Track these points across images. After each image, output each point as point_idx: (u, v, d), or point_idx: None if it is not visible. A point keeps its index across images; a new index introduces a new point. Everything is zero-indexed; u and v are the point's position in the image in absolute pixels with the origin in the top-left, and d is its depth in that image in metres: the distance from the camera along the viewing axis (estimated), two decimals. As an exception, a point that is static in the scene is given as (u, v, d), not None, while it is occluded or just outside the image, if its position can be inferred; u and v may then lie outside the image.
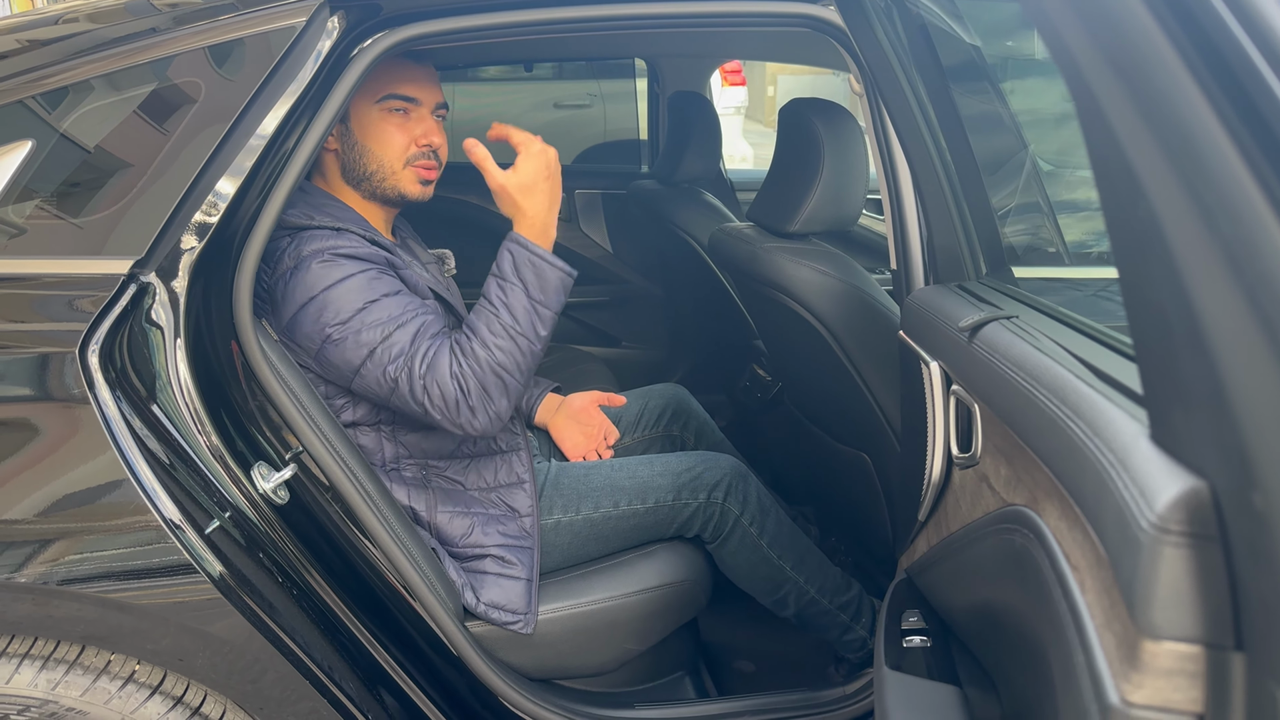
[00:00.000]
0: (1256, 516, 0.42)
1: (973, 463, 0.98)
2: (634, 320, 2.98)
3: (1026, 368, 0.79)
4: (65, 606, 1.08)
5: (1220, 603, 0.47)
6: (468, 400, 1.26)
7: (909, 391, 1.24)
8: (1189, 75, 0.38)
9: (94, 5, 1.24)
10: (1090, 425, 0.62)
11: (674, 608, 1.53)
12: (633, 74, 3.27)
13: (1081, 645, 0.57)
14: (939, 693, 0.98)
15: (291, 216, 1.31)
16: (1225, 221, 0.38)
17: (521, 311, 1.29)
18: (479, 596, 1.38)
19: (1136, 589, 0.49)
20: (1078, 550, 0.62)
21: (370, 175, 1.40)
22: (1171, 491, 0.49)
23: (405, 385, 1.26)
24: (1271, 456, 0.40)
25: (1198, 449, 0.48)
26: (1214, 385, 0.42)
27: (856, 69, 1.39)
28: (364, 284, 1.27)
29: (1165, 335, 0.47)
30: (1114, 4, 0.39)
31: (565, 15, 1.31)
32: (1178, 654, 0.49)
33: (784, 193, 1.64)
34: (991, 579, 0.90)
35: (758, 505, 1.57)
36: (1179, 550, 0.48)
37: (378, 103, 1.37)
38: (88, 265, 1.12)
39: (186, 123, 1.15)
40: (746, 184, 2.99)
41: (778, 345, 1.89)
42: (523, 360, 1.29)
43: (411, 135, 1.39)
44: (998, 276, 1.24)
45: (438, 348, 1.28)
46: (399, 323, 1.27)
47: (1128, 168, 0.42)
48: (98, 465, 1.07)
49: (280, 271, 1.28)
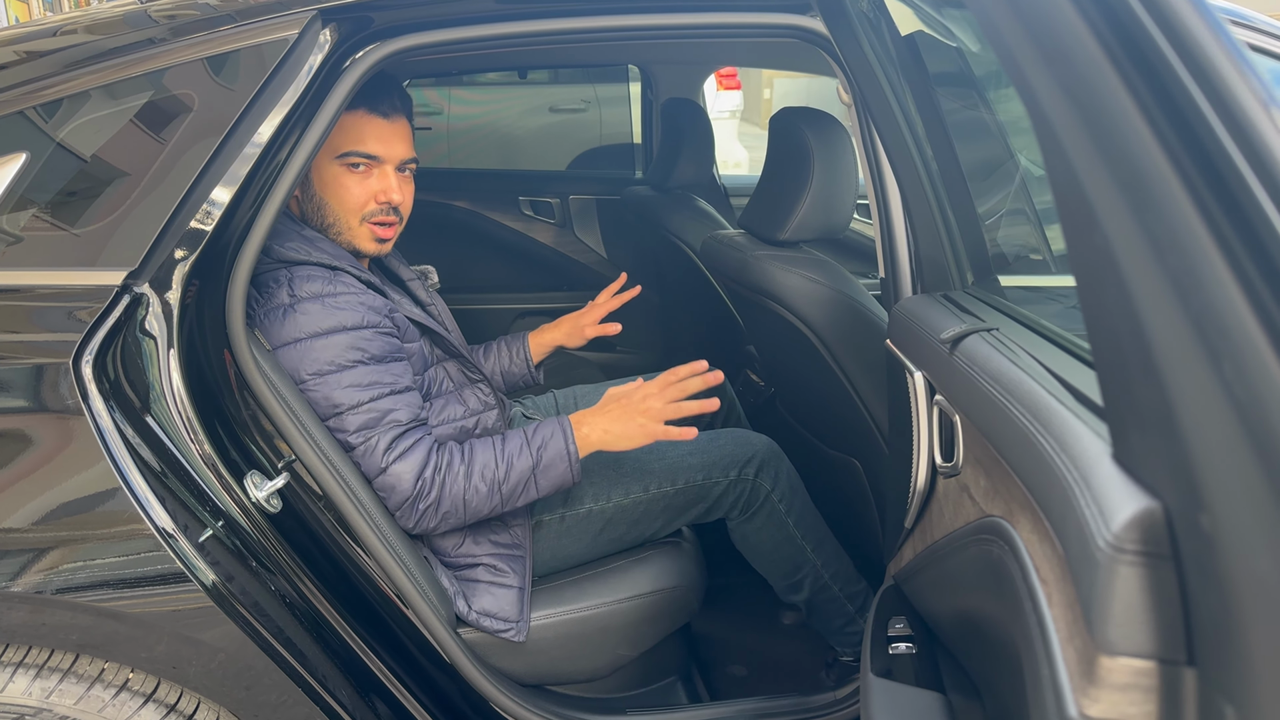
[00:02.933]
0: (1204, 537, 0.43)
1: (955, 472, 1.00)
2: (628, 325, 2.99)
3: (1002, 381, 0.80)
4: (59, 615, 1.09)
5: (1173, 620, 0.49)
6: (418, 504, 1.29)
7: (895, 400, 1.26)
8: (1141, 116, 0.39)
9: (92, 17, 1.26)
10: (1059, 441, 0.63)
11: (666, 613, 1.54)
12: (627, 78, 3.28)
13: (1047, 658, 0.58)
14: (923, 700, 0.99)
15: (288, 250, 1.30)
16: (1172, 253, 0.39)
17: (516, 478, 1.33)
18: (471, 605, 1.39)
19: (1094, 605, 0.51)
20: (1047, 564, 0.63)
21: (327, 228, 1.39)
22: (1128, 511, 0.50)
23: (363, 455, 1.29)
24: (1217, 479, 0.42)
25: (1153, 470, 0.50)
26: (1165, 408, 0.43)
27: (844, 78, 1.40)
28: (350, 342, 1.27)
29: (1121, 359, 0.48)
30: (1076, 49, 0.40)
31: (556, 27, 1.33)
32: (1132, 669, 0.50)
33: (775, 201, 1.65)
34: (972, 588, 0.91)
35: (789, 483, 1.59)
36: (1133, 569, 0.49)
37: (338, 158, 1.36)
38: (82, 276, 1.13)
39: (180, 134, 1.16)
40: (740, 189, 3.01)
41: (769, 351, 1.90)
42: (482, 509, 1.33)
43: (370, 191, 1.38)
44: (983, 286, 1.25)
45: (415, 442, 1.30)
46: (374, 394, 1.28)
47: (1084, 199, 0.43)
48: (91, 475, 1.08)
49: (273, 305, 1.28)
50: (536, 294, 2.94)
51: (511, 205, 2.98)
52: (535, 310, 2.92)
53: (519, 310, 2.90)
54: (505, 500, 1.34)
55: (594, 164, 3.33)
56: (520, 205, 2.99)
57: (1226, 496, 0.41)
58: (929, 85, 1.33)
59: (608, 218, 3.02)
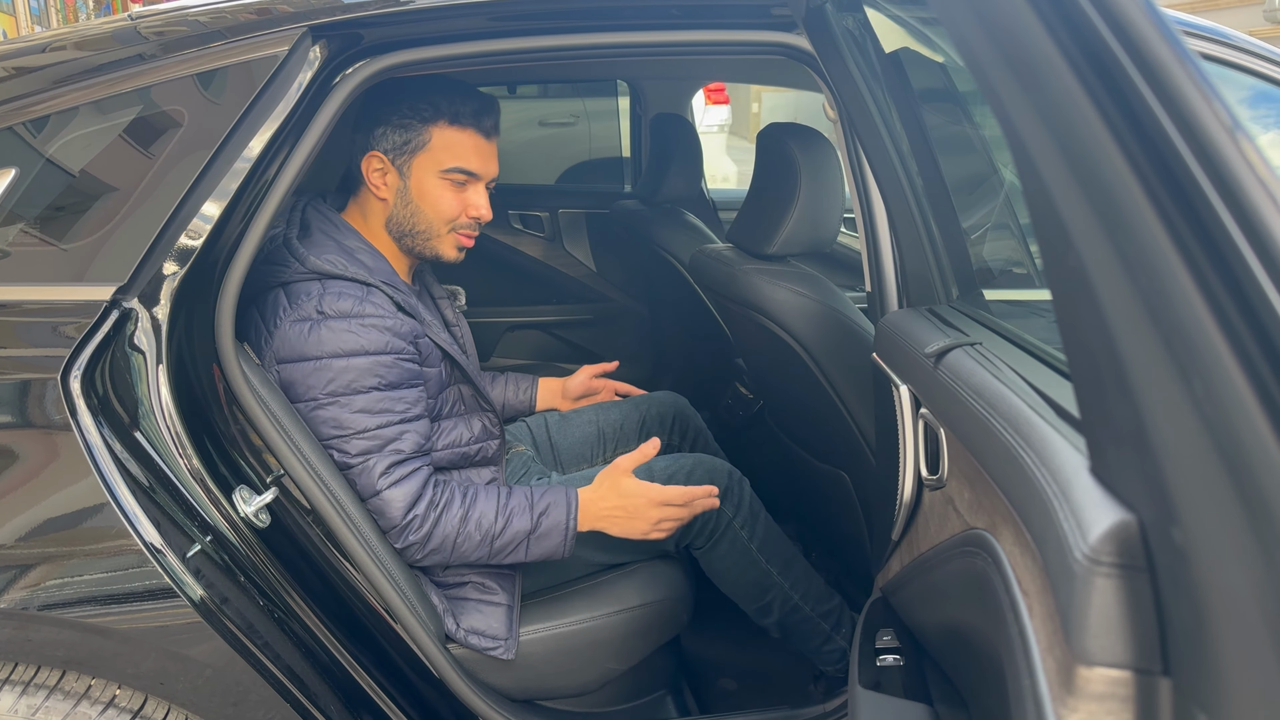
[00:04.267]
0: (1177, 550, 0.44)
1: (940, 485, 1.00)
2: (618, 338, 3.00)
3: (985, 396, 0.81)
4: (46, 631, 1.09)
5: (1148, 630, 0.49)
6: (406, 534, 1.31)
7: (882, 413, 1.27)
8: (1114, 143, 0.40)
9: (81, 33, 1.26)
10: (1039, 455, 0.64)
11: (655, 626, 1.54)
12: (616, 93, 3.30)
13: (1028, 668, 0.59)
14: (910, 711, 1.00)
15: (325, 262, 1.31)
16: (1143, 275, 0.40)
17: (510, 536, 1.35)
18: (459, 623, 1.39)
19: (1071, 616, 0.51)
20: (1028, 575, 0.64)
21: (416, 233, 1.43)
22: (1104, 524, 0.51)
23: (358, 475, 1.30)
24: (1188, 493, 0.43)
25: (1128, 483, 0.51)
26: (1138, 424, 0.44)
27: (829, 95, 1.42)
28: (370, 367, 1.29)
29: (1096, 375, 0.49)
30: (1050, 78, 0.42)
31: (544, 44, 1.34)
32: (1109, 679, 0.51)
33: (762, 215, 1.67)
34: (957, 601, 0.92)
35: (750, 509, 1.59)
36: (1109, 580, 0.50)
37: (443, 172, 1.40)
38: (71, 291, 1.13)
39: (170, 150, 1.17)
40: (728, 204, 3.03)
41: (757, 365, 1.91)
42: (468, 556, 1.35)
43: (463, 204, 1.43)
44: (968, 300, 1.26)
45: (412, 472, 1.32)
46: (383, 421, 1.30)
47: (1059, 221, 0.44)
48: (79, 490, 1.08)
49: (300, 316, 1.29)
50: (526, 307, 2.95)
51: (501, 219, 3.00)
52: (525, 324, 2.92)
53: (509, 324, 2.91)
54: (493, 554, 1.36)
55: (583, 178, 3.34)
56: (510, 219, 3.01)
57: (1197, 510, 0.42)
58: (914, 101, 1.35)
59: (597, 232, 3.03)
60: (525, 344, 2.93)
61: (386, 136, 1.40)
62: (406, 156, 1.40)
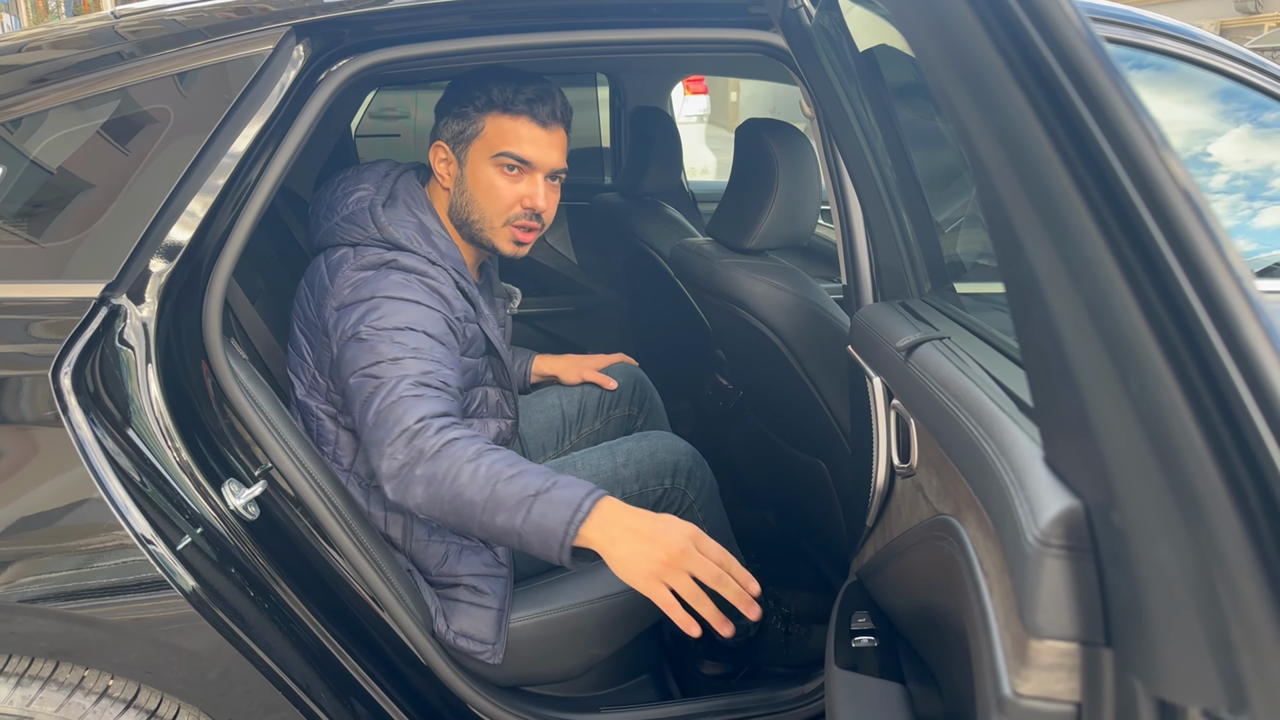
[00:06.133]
0: (1116, 532, 0.49)
1: (911, 473, 1.05)
2: (598, 329, 3.03)
3: (950, 388, 0.85)
4: (38, 623, 1.10)
5: (1093, 606, 0.54)
6: (416, 439, 1.16)
7: (856, 404, 1.31)
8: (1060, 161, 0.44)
9: (63, 32, 1.27)
10: (998, 445, 0.68)
11: (638, 612, 1.57)
12: (594, 82, 3.30)
13: (987, 644, 0.63)
14: (885, 690, 1.04)
15: (402, 236, 1.33)
16: (1085, 282, 0.44)
17: (518, 487, 1.13)
18: (450, 624, 1.40)
19: (1024, 593, 0.56)
20: (989, 557, 0.68)
21: (471, 222, 1.44)
22: (1054, 509, 0.55)
23: (384, 392, 1.20)
24: (1125, 481, 0.47)
25: (1075, 471, 0.55)
26: (1083, 417, 0.48)
27: (805, 91, 1.45)
28: (422, 315, 1.28)
29: (1046, 370, 0.53)
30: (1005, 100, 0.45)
31: (525, 42, 1.36)
32: (1058, 651, 0.55)
33: (741, 210, 1.70)
34: (926, 583, 0.96)
35: (709, 491, 1.63)
36: (1058, 561, 0.54)
37: (493, 158, 1.40)
38: (59, 289, 1.15)
39: (156, 148, 1.18)
40: (707, 196, 3.06)
41: (737, 356, 1.95)
42: (464, 491, 1.13)
43: (518, 195, 1.42)
44: (940, 293, 1.30)
45: (440, 397, 1.21)
46: (417, 355, 1.24)
47: (1013, 231, 0.48)
48: (71, 485, 1.10)
49: (366, 264, 1.30)
50: None
51: None
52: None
53: None
54: (489, 502, 1.13)
55: None
56: None
57: (1133, 495, 0.46)
58: (888, 99, 1.38)
59: (578, 224, 3.05)
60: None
61: (448, 126, 1.44)
62: (464, 145, 1.42)
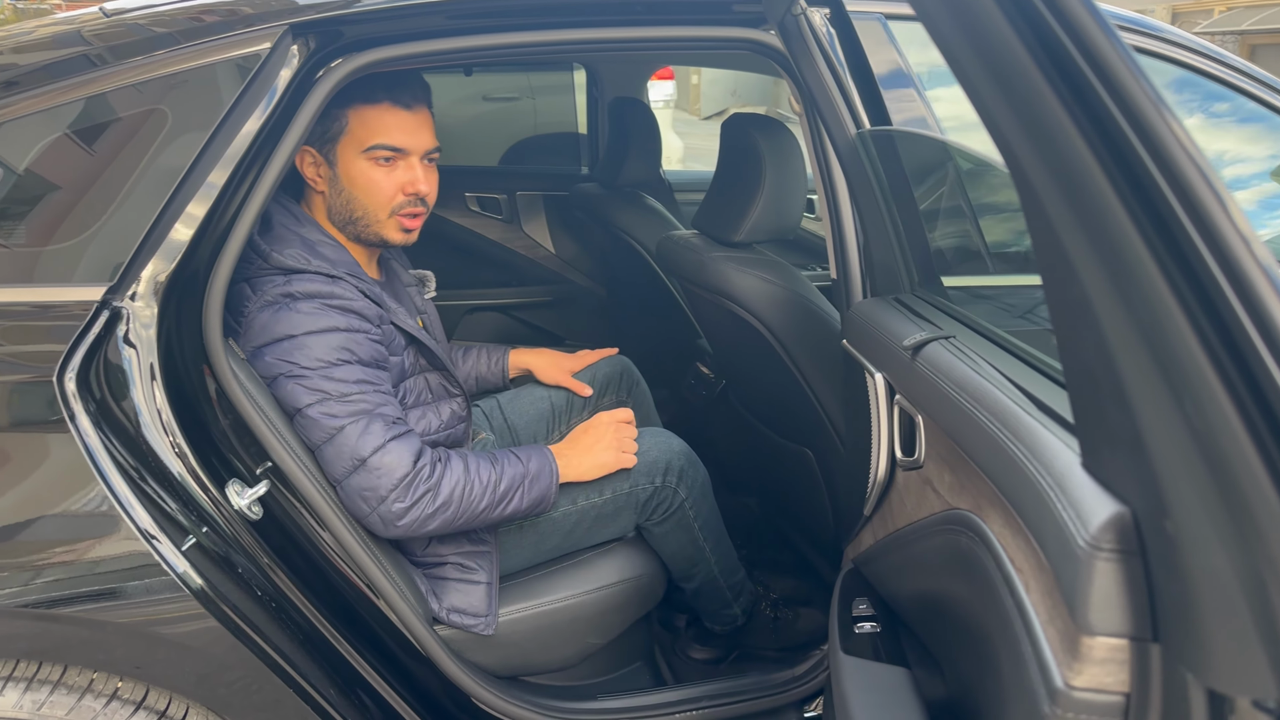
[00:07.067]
0: (1168, 538, 0.52)
1: (916, 466, 1.08)
2: (577, 319, 3.04)
3: (968, 389, 0.88)
4: (48, 628, 1.10)
5: (1141, 605, 0.58)
6: (416, 484, 1.29)
7: (853, 397, 1.34)
8: (1114, 194, 0.47)
9: (52, 33, 1.24)
10: (1029, 449, 0.72)
11: (633, 601, 1.60)
12: (570, 66, 3.27)
13: (1029, 638, 0.67)
14: (891, 674, 1.08)
15: (288, 258, 1.30)
16: (1141, 308, 0.47)
17: (510, 479, 1.39)
18: (441, 602, 1.42)
19: (1076, 594, 0.60)
20: (1021, 555, 0.72)
21: (355, 220, 1.41)
22: (1103, 515, 0.59)
23: (354, 437, 1.27)
24: (1178, 492, 0.51)
25: (1122, 481, 0.59)
26: (1134, 433, 0.52)
27: (796, 90, 1.47)
28: (343, 342, 1.28)
29: (1095, 390, 0.57)
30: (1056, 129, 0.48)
31: (519, 40, 1.36)
32: (1109, 646, 0.59)
33: (728, 204, 1.72)
34: (937, 574, 1.01)
35: (701, 490, 1.65)
36: (1109, 564, 0.58)
37: (365, 152, 1.37)
38: (61, 293, 1.13)
39: (154, 150, 1.16)
40: (683, 185, 3.07)
41: (724, 348, 1.98)
42: (476, 503, 1.36)
43: (398, 184, 1.39)
44: (929, 288, 1.34)
45: (408, 432, 1.32)
46: (364, 389, 1.29)
47: (1066, 259, 0.51)
48: (79, 489, 1.09)
49: (266, 300, 1.28)
50: (485, 290, 2.96)
51: (458, 201, 2.99)
52: (484, 306, 2.93)
53: (468, 306, 2.92)
54: (497, 501, 1.37)
55: (532, 155, 3.32)
56: (467, 202, 3.00)
57: (1186, 506, 0.50)
58: (879, 96, 1.41)
59: (555, 214, 3.05)
60: (484, 326, 2.94)
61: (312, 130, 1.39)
62: (330, 144, 1.38)
